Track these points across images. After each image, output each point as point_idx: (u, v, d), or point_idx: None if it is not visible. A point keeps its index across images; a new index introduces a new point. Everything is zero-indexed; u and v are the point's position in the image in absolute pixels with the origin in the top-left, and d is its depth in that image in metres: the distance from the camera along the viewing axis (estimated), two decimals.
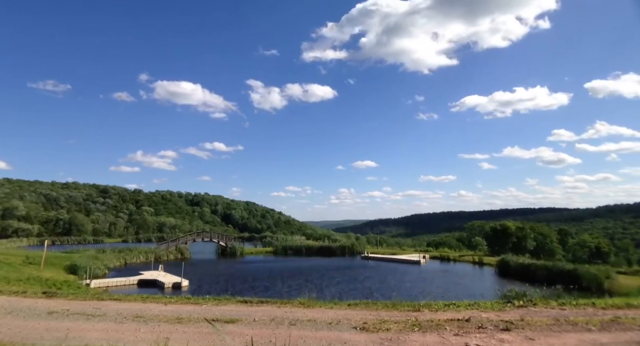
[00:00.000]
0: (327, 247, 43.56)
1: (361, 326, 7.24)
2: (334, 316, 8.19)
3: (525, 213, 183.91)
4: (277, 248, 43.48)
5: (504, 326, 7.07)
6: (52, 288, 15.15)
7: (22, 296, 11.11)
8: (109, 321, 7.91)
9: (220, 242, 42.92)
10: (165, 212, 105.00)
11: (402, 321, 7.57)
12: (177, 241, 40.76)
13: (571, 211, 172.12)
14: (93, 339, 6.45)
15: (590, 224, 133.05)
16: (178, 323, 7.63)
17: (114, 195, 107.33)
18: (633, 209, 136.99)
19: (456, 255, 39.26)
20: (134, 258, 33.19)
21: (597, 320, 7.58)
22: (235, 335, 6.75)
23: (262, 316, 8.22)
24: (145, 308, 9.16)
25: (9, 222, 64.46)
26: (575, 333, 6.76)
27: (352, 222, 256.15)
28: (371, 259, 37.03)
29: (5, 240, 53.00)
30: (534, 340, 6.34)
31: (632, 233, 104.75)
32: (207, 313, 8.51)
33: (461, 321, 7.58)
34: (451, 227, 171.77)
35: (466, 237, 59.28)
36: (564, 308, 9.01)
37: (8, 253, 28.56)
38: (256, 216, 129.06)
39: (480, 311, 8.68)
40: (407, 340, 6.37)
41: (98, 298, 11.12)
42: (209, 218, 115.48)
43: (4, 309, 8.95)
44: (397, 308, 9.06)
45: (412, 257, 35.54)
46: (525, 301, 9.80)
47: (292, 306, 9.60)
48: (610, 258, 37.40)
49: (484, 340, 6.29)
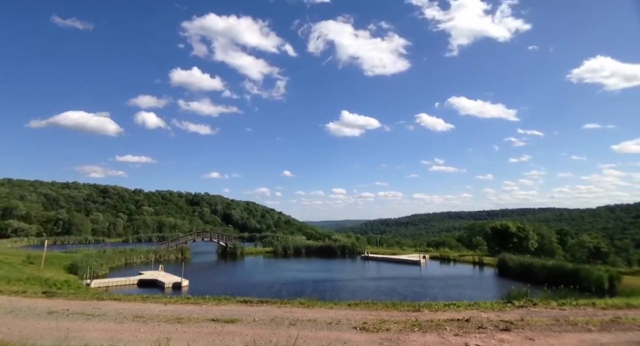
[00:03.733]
0: (328, 247, 43.48)
1: (361, 326, 7.25)
2: (334, 316, 8.19)
3: (525, 213, 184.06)
4: (277, 248, 43.44)
5: (504, 327, 7.08)
6: (52, 288, 15.17)
7: (22, 296, 11.12)
8: (109, 321, 7.91)
9: (221, 242, 42.93)
10: (165, 212, 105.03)
11: (402, 321, 7.57)
12: (177, 241, 40.74)
13: (571, 211, 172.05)
14: (93, 339, 6.44)
15: (590, 224, 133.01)
16: (178, 323, 7.64)
17: (113, 195, 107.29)
18: (633, 209, 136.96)
19: (456, 255, 39.26)
20: (134, 258, 33.19)
21: (597, 320, 7.59)
22: (235, 335, 6.75)
23: (262, 316, 8.23)
24: (145, 308, 9.16)
25: (9, 222, 64.48)
26: (575, 333, 6.77)
27: (352, 222, 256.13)
28: (371, 259, 37.03)
29: (5, 239, 53.03)
30: (534, 340, 6.34)
31: (632, 233, 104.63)
32: (207, 313, 8.52)
33: (461, 321, 7.58)
34: (451, 227, 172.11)
35: (466, 237, 59.24)
36: (564, 308, 9.02)
37: (8, 253, 28.56)
38: (256, 216, 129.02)
39: (480, 311, 8.68)
40: (407, 340, 6.38)
41: (98, 298, 11.14)
42: (209, 218, 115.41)
43: (4, 309, 8.96)
44: (397, 308, 9.07)
45: (412, 257, 35.53)
46: (525, 301, 9.81)
47: (292, 306, 9.61)
48: (609, 258, 37.40)
49: (484, 340, 6.29)
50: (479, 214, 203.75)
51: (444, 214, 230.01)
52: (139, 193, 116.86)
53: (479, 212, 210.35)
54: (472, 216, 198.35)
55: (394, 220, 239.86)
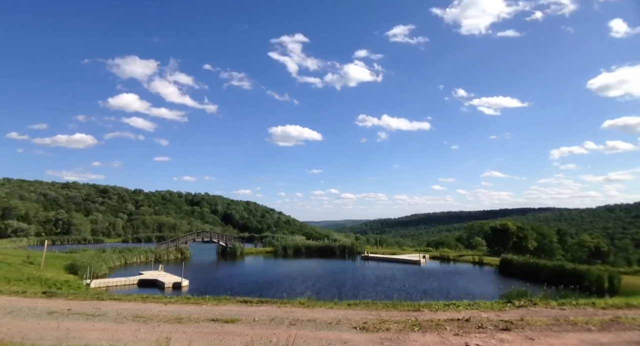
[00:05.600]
0: (327, 247, 43.47)
1: (361, 326, 7.24)
2: (334, 316, 8.19)
3: (525, 213, 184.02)
4: (277, 248, 43.42)
5: (504, 326, 7.07)
6: (52, 288, 15.16)
7: (22, 296, 11.11)
8: (109, 321, 7.91)
9: (221, 242, 42.89)
10: (165, 212, 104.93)
11: (402, 321, 7.57)
12: (177, 241, 40.70)
13: (571, 211, 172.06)
14: (93, 339, 6.44)
15: (590, 224, 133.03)
16: (178, 323, 7.63)
17: (113, 195, 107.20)
18: (633, 209, 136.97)
19: (456, 255, 39.25)
20: (134, 258, 33.13)
21: (597, 320, 7.59)
22: (235, 335, 6.75)
23: (262, 316, 8.23)
24: (145, 308, 9.16)
25: (9, 222, 64.41)
26: (575, 333, 6.77)
27: (352, 222, 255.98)
28: (371, 259, 37.02)
29: (4, 240, 52.97)
30: (534, 339, 6.34)
31: (632, 233, 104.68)
32: (207, 313, 8.52)
33: (461, 321, 7.58)
34: (451, 227, 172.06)
35: (466, 237, 59.28)
36: (564, 308, 9.02)
37: (8, 253, 28.54)
38: (256, 216, 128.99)
39: (480, 311, 8.68)
40: (407, 339, 6.37)
41: (98, 298, 11.13)
42: (209, 218, 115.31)
43: (4, 309, 8.95)
44: (397, 308, 9.06)
45: (412, 257, 35.53)
46: (525, 301, 9.81)
47: (292, 306, 9.60)
48: (609, 258, 37.41)
49: (484, 340, 6.29)
50: (479, 214, 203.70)
51: (444, 214, 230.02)
52: (139, 193, 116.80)
53: (479, 212, 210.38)
54: (472, 216, 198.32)
55: (394, 220, 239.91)
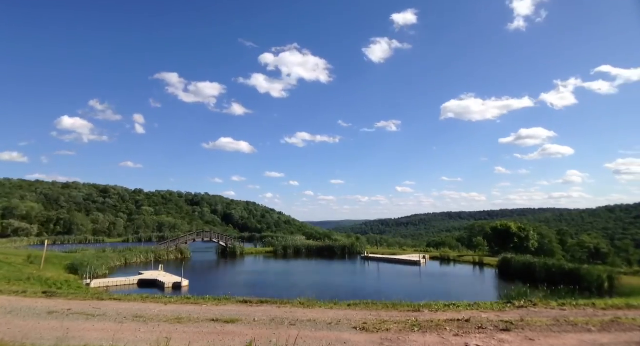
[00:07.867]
0: (328, 247, 43.46)
1: (361, 326, 7.24)
2: (334, 316, 8.19)
3: (525, 213, 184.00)
4: (277, 248, 43.42)
5: (504, 327, 7.07)
6: (53, 287, 15.19)
7: (22, 296, 11.12)
8: (109, 321, 7.91)
9: (221, 242, 42.90)
10: (165, 212, 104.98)
11: (402, 322, 7.57)
12: (177, 241, 40.71)
13: (571, 211, 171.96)
14: (93, 339, 6.45)
15: (590, 224, 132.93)
16: (178, 323, 7.63)
17: (114, 195, 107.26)
18: (633, 209, 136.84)
19: (456, 255, 39.21)
20: (134, 258, 33.15)
21: (597, 321, 7.59)
22: (235, 335, 6.75)
23: (262, 316, 8.23)
24: (145, 308, 9.16)
25: (9, 222, 64.51)
26: (575, 333, 6.76)
27: (352, 222, 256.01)
28: (371, 259, 37.00)
29: (5, 239, 53.02)
30: (534, 340, 6.34)
31: (632, 233, 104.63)
32: (207, 313, 8.52)
33: (461, 321, 7.58)
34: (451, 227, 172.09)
35: (466, 237, 59.24)
36: (564, 309, 9.02)
37: (8, 252, 28.54)
38: (256, 216, 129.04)
39: (480, 311, 8.68)
40: (407, 340, 6.37)
41: (98, 298, 11.13)
42: (209, 218, 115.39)
43: (4, 309, 8.96)
44: (397, 309, 9.06)
45: (412, 257, 35.49)
46: (525, 301, 9.80)
47: (292, 306, 9.60)
48: (609, 258, 37.38)
49: (484, 340, 6.29)
50: (479, 214, 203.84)
51: (444, 214, 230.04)
52: (139, 193, 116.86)
53: (479, 212, 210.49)
54: (472, 216, 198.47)
55: (394, 220, 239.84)
